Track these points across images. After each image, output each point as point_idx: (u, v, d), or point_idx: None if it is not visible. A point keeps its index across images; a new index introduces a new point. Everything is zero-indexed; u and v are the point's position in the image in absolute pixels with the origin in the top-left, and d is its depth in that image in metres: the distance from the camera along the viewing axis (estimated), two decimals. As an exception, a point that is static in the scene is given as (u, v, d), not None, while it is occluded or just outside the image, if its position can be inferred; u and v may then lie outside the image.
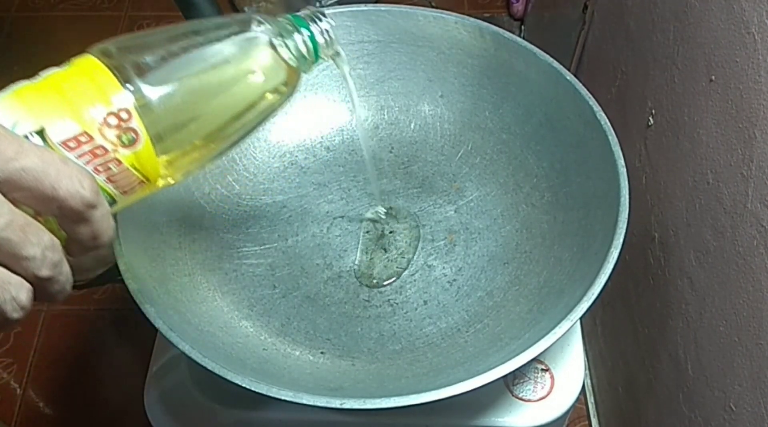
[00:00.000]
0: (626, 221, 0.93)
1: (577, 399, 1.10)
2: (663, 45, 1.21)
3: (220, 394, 1.09)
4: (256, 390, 0.81)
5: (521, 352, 0.83)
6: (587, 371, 1.74)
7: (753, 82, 0.94)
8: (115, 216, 0.64)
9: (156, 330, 0.86)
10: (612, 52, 1.49)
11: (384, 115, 1.25)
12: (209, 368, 0.82)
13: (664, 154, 1.21)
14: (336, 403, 0.80)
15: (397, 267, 1.12)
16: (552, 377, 1.10)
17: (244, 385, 0.82)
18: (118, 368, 1.83)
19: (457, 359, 0.99)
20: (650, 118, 1.26)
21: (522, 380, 1.09)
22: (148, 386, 1.15)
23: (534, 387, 1.09)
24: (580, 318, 0.87)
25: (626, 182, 0.96)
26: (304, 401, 0.81)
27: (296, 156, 1.23)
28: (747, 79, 0.95)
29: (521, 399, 1.08)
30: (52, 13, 2.61)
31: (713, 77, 1.05)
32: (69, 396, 1.80)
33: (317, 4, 2.45)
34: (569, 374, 1.11)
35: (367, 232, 1.16)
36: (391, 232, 1.15)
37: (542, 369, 1.11)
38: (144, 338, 1.17)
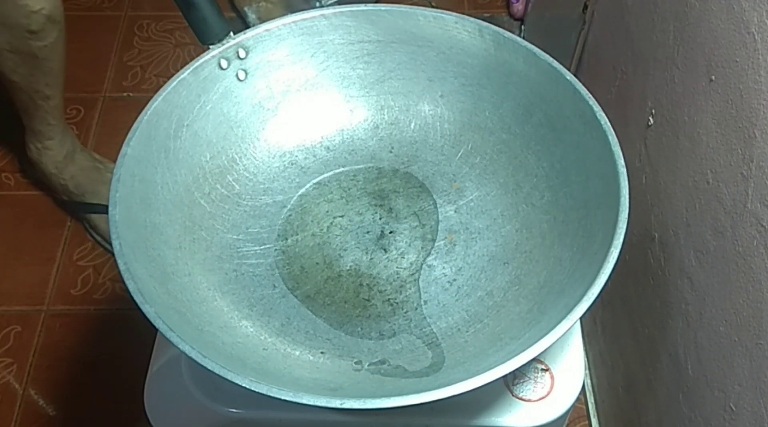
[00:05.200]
0: (626, 220, 0.93)
1: (577, 399, 1.10)
2: (663, 45, 1.22)
3: (220, 394, 1.09)
4: (256, 390, 0.82)
5: (521, 352, 0.83)
6: (587, 371, 1.74)
7: (753, 82, 0.94)
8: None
9: (156, 330, 0.86)
10: (612, 52, 1.49)
11: (384, 115, 1.25)
12: (209, 368, 0.83)
13: (664, 154, 1.21)
14: (336, 403, 0.81)
15: (397, 267, 1.12)
16: (552, 377, 1.10)
17: (244, 385, 0.82)
18: (118, 368, 1.83)
19: (457, 359, 0.99)
20: (650, 118, 1.26)
21: (522, 380, 1.09)
22: (148, 386, 1.16)
23: (534, 387, 1.09)
24: (580, 318, 0.87)
25: (626, 182, 0.96)
26: (304, 401, 0.81)
27: (296, 156, 1.23)
28: (747, 79, 0.95)
29: (521, 399, 1.08)
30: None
31: (713, 77, 1.05)
32: (69, 396, 1.80)
33: (317, 4, 2.45)
34: (569, 374, 1.11)
35: (368, 232, 1.16)
36: (391, 232, 1.15)
37: (542, 369, 1.11)
38: (144, 338, 1.17)
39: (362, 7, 1.19)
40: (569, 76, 1.08)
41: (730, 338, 1.02)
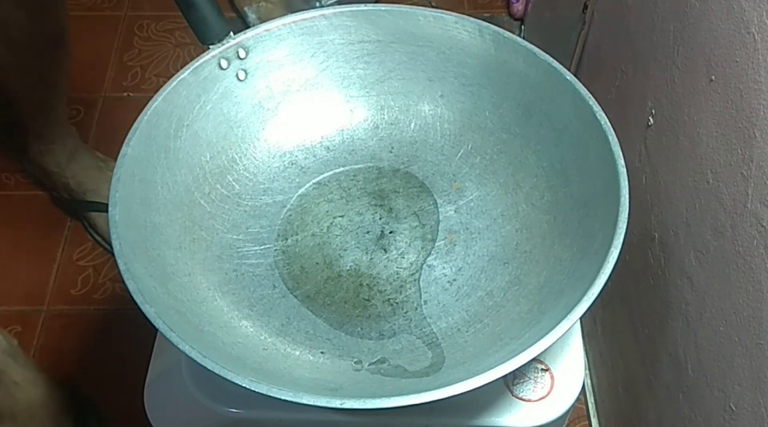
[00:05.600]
0: (626, 221, 0.93)
1: (577, 399, 1.10)
2: (663, 45, 1.22)
3: (219, 394, 1.09)
4: (256, 390, 0.82)
5: (521, 352, 0.83)
6: (587, 371, 1.74)
7: (753, 82, 0.94)
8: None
9: (156, 330, 0.86)
10: (612, 52, 1.49)
11: (384, 115, 1.25)
12: (209, 368, 0.83)
13: (664, 154, 1.21)
14: (336, 403, 0.81)
15: (396, 267, 1.12)
16: (552, 377, 1.10)
17: (244, 385, 0.82)
18: (118, 369, 1.83)
19: (457, 359, 0.99)
20: (650, 118, 1.27)
21: (522, 380, 1.10)
22: (148, 386, 1.16)
23: (534, 387, 1.09)
24: (580, 318, 0.87)
25: (626, 182, 0.96)
26: (304, 401, 0.81)
27: (296, 156, 1.23)
28: (747, 79, 0.95)
29: (521, 399, 1.08)
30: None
31: (713, 77, 1.05)
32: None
33: (317, 4, 2.45)
34: (569, 374, 1.11)
35: (367, 232, 1.16)
36: (391, 232, 1.15)
37: (542, 369, 1.11)
38: (144, 338, 1.17)
39: (362, 7, 1.19)
40: (569, 76, 1.08)
41: (730, 338, 1.03)
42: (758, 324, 0.95)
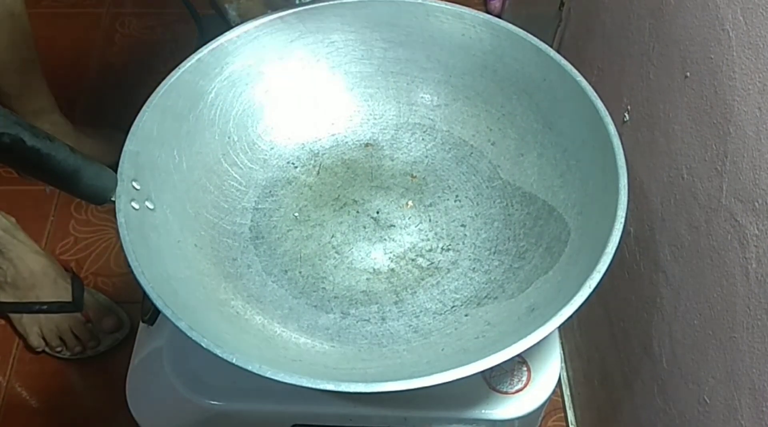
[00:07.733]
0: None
1: (554, 391, 1.11)
2: (638, 42, 1.22)
3: (199, 386, 1.09)
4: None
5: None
6: (563, 364, 1.75)
7: (727, 79, 0.95)
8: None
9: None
10: (588, 49, 1.50)
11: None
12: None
13: (640, 150, 1.22)
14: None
15: (394, 258, 1.13)
16: (529, 370, 1.11)
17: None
18: (101, 361, 1.83)
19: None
20: (626, 115, 1.27)
21: (499, 373, 1.10)
22: (129, 379, 1.16)
23: (511, 380, 1.10)
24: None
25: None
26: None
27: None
28: (721, 76, 0.96)
29: (499, 391, 1.09)
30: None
31: (688, 74, 1.06)
32: (52, 388, 1.81)
33: (297, 1, 2.45)
34: (546, 367, 1.12)
35: (365, 227, 1.16)
36: (391, 225, 1.16)
37: (519, 362, 1.12)
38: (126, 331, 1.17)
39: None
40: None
41: (704, 331, 1.04)
42: (732, 318, 0.96)
